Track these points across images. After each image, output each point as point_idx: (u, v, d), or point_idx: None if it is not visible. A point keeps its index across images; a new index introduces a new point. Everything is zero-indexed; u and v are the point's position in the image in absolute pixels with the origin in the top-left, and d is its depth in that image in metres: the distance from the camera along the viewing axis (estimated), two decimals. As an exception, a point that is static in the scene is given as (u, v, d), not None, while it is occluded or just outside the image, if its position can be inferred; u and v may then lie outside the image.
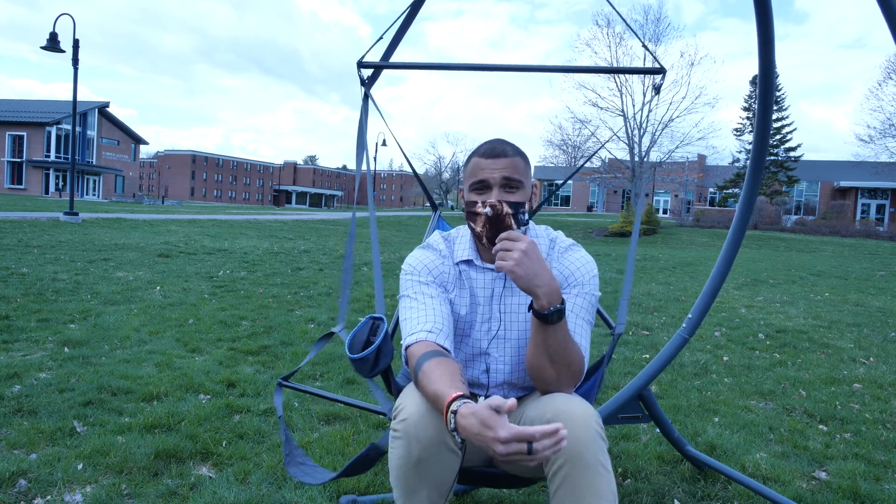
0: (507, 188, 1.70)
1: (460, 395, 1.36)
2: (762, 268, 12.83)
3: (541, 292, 1.53)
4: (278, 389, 2.09)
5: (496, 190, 1.69)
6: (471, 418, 1.29)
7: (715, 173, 46.63)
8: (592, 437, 1.48)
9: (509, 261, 1.53)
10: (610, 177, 36.65)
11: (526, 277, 1.53)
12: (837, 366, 4.64)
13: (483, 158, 1.73)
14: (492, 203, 1.68)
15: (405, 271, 1.81)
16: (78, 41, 16.46)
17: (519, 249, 1.53)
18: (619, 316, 2.15)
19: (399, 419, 1.52)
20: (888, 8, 1.33)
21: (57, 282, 6.61)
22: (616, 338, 2.10)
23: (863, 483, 2.56)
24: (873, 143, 33.10)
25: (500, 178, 1.69)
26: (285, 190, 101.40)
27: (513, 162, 1.72)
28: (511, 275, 1.54)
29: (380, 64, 2.28)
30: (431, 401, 1.47)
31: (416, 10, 2.28)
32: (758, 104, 2.17)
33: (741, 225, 2.34)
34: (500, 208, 1.67)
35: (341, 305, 2.12)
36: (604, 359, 2.02)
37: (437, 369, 1.49)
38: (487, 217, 1.69)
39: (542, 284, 1.53)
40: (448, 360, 1.56)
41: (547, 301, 1.54)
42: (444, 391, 1.41)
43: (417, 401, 1.53)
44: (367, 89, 2.22)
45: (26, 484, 2.25)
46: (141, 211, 25.39)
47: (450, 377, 1.46)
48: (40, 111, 50.28)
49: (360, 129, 2.15)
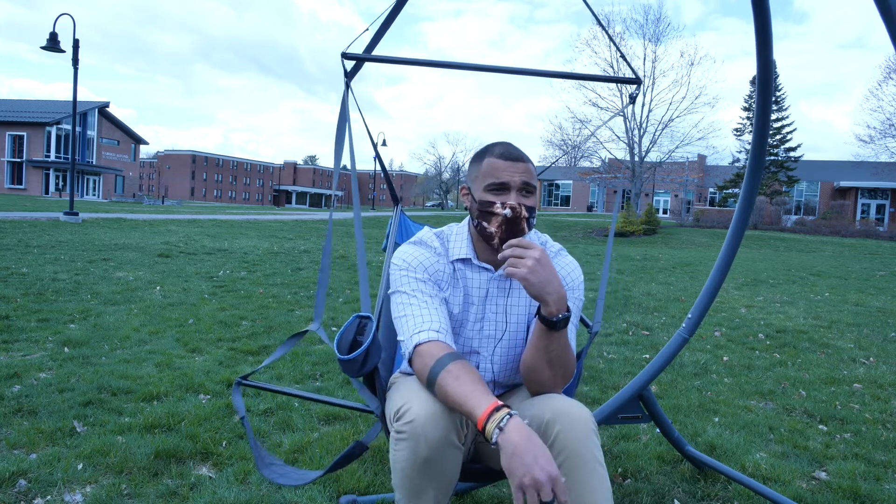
0: (525, 192, 1.74)
1: (503, 405, 1.41)
2: (762, 268, 12.83)
3: (551, 300, 1.56)
4: (236, 388, 2.02)
5: (514, 193, 1.72)
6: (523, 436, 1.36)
7: (715, 173, 46.63)
8: (589, 435, 1.53)
9: (522, 268, 1.55)
10: (610, 177, 36.67)
11: (539, 285, 1.55)
12: (837, 366, 4.64)
13: (501, 160, 1.74)
14: (512, 205, 1.70)
15: (398, 266, 1.78)
16: (78, 41, 16.46)
17: (532, 257, 1.56)
18: (596, 315, 2.23)
19: (405, 420, 1.51)
20: (886, 11, 1.33)
21: (57, 282, 6.61)
22: (593, 336, 2.18)
23: (863, 483, 2.56)
24: (873, 144, 33.15)
25: (520, 182, 1.72)
26: (285, 190, 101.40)
27: (528, 167, 1.75)
28: (524, 282, 1.56)
29: (363, 56, 2.27)
30: (458, 403, 1.47)
31: (402, 4, 2.28)
32: (757, 104, 2.17)
33: (741, 225, 2.35)
34: (520, 211, 1.71)
35: (318, 304, 2.08)
36: (580, 354, 2.07)
37: (467, 374, 1.51)
38: (506, 218, 1.71)
39: (552, 292, 1.56)
40: (470, 365, 1.58)
41: (556, 308, 1.57)
42: (480, 397, 1.44)
43: (425, 401, 1.53)
44: (348, 80, 2.21)
45: (26, 484, 2.25)
46: (141, 211, 25.39)
47: (482, 384, 1.50)
48: (40, 111, 50.29)
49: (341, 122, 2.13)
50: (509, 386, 1.88)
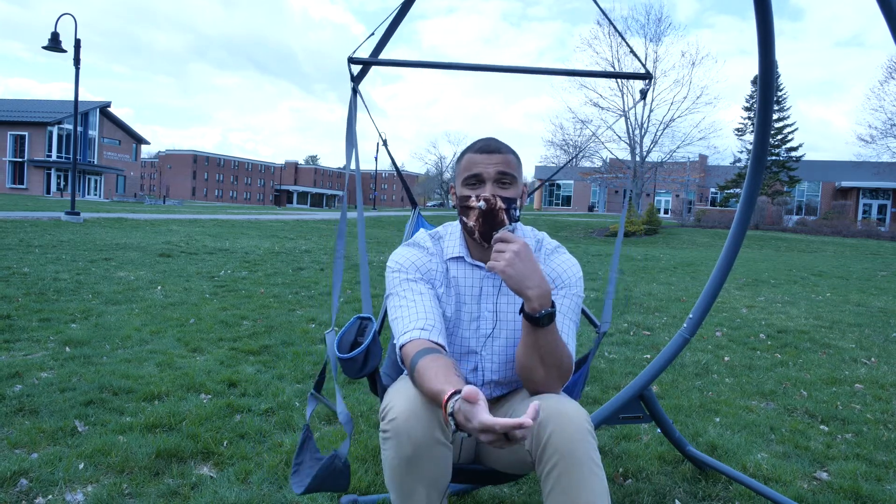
0: (501, 183, 1.71)
1: (455, 392, 1.36)
2: (763, 268, 12.82)
3: (531, 294, 1.53)
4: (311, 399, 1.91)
5: (490, 185, 1.70)
6: (460, 415, 1.31)
7: (716, 173, 46.58)
8: (584, 435, 1.49)
9: (501, 261, 1.54)
10: (611, 177, 36.65)
11: (517, 278, 1.53)
12: (839, 366, 4.63)
13: (477, 154, 1.73)
14: (486, 197, 1.68)
15: (391, 269, 1.80)
16: (79, 41, 16.48)
17: (511, 250, 1.54)
18: (604, 315, 2.19)
19: (388, 419, 1.52)
20: (888, 8, 1.32)
21: (58, 281, 6.61)
22: (600, 336, 2.14)
23: (864, 483, 2.56)
24: (875, 144, 33.08)
25: (494, 173, 1.70)
26: (286, 190, 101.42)
27: (506, 158, 1.73)
28: (502, 275, 1.54)
29: (370, 60, 2.27)
30: (430, 398, 1.47)
31: (408, 7, 2.28)
32: (758, 104, 2.17)
33: (742, 225, 2.34)
34: (494, 202, 1.68)
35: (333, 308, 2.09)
36: (588, 355, 2.05)
37: (431, 366, 1.49)
38: (481, 211, 1.69)
39: (532, 286, 1.53)
40: (441, 355, 1.56)
41: (538, 304, 1.54)
42: (440, 388, 1.41)
43: (405, 399, 1.53)
44: (356, 84, 2.21)
45: (28, 483, 2.25)
46: (142, 211, 25.41)
47: (444, 373, 1.46)
48: (42, 111, 50.34)
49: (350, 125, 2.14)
50: (512, 385, 1.85)
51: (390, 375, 2.12)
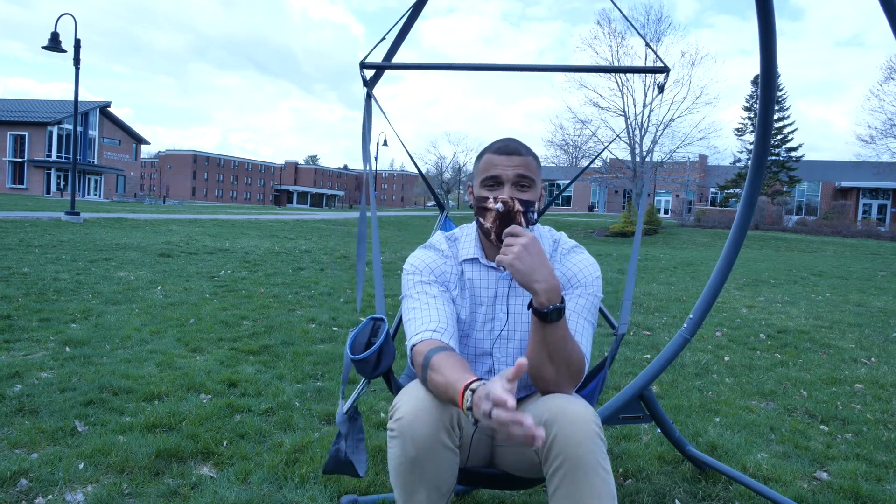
0: (520, 186, 1.70)
1: (478, 379, 1.37)
2: (763, 268, 12.82)
3: (539, 288, 1.51)
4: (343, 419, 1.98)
5: (508, 187, 1.69)
6: (477, 398, 1.27)
7: (716, 173, 46.59)
8: (591, 437, 1.46)
9: (509, 254, 1.53)
10: (611, 177, 36.66)
11: (525, 272, 1.51)
12: (839, 366, 4.63)
13: (497, 155, 1.72)
14: (503, 199, 1.67)
15: (407, 271, 1.80)
16: (79, 41, 16.47)
17: (519, 244, 1.52)
18: (622, 316, 2.12)
19: (395, 418, 1.52)
20: (889, 7, 1.32)
21: (58, 281, 6.61)
22: (619, 338, 2.07)
23: (864, 483, 2.56)
24: (874, 144, 33.12)
25: (513, 176, 1.69)
26: (286, 190, 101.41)
27: (526, 161, 1.71)
28: (510, 269, 1.53)
29: (383, 64, 2.27)
30: (443, 390, 1.45)
31: (419, 11, 2.28)
32: (759, 104, 2.17)
33: (742, 225, 2.34)
34: (512, 205, 1.67)
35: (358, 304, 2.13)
36: (606, 360, 2.00)
37: (446, 361, 1.49)
38: (498, 213, 1.68)
39: (540, 280, 1.51)
40: (455, 353, 1.57)
41: (546, 298, 1.52)
42: (456, 378, 1.40)
43: (413, 399, 1.53)
44: (369, 89, 2.21)
45: (28, 483, 2.25)
46: (142, 211, 25.40)
47: (460, 366, 1.47)
48: (42, 111, 50.32)
49: (364, 129, 2.14)
50: (530, 388, 1.82)
51: (411, 377, 2.11)
